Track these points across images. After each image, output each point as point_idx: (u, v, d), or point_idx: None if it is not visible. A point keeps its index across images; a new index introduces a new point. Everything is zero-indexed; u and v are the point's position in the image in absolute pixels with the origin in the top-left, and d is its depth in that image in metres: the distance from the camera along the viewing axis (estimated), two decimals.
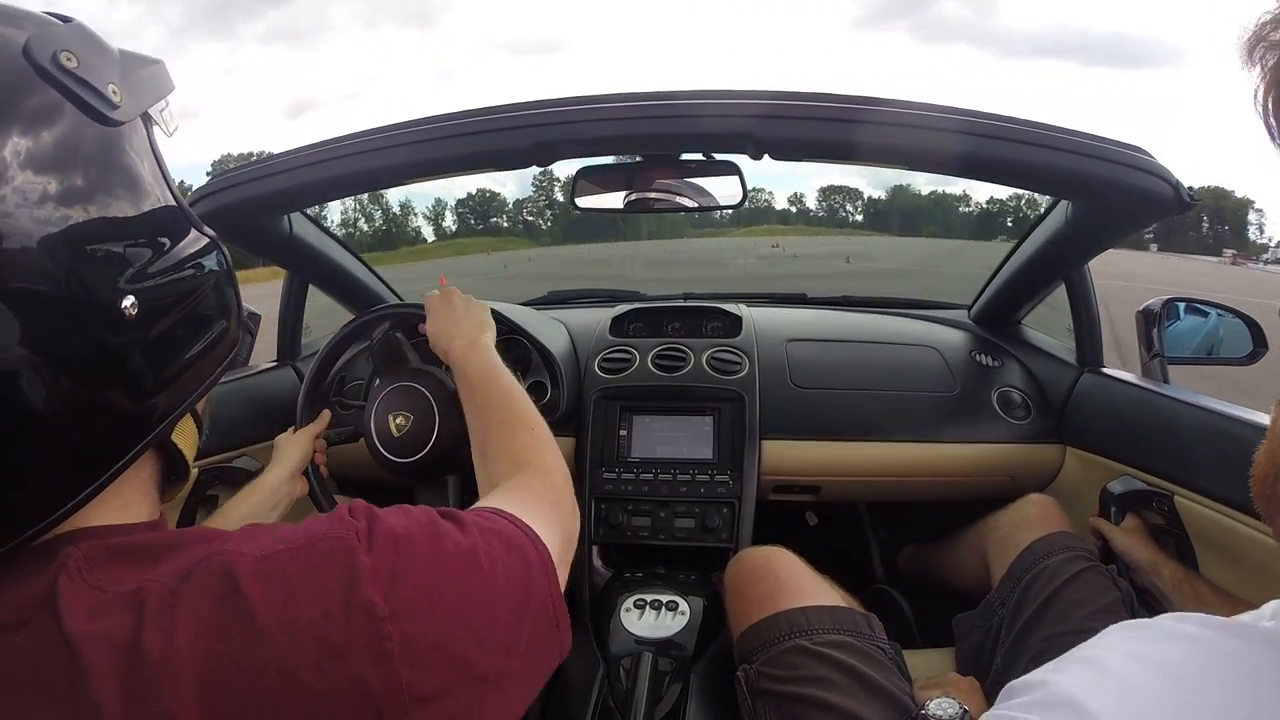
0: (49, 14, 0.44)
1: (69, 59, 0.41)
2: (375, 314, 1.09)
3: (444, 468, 0.97)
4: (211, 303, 0.49)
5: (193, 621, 0.36)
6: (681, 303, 1.55)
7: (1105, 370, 1.19)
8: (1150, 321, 1.16)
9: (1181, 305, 1.21)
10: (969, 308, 1.53)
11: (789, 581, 0.95)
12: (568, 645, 0.49)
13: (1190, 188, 0.85)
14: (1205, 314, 1.21)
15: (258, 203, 0.96)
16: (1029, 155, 0.83)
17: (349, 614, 0.38)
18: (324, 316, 1.45)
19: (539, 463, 0.65)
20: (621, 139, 0.90)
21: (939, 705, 0.77)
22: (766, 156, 0.89)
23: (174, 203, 0.47)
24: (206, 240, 0.49)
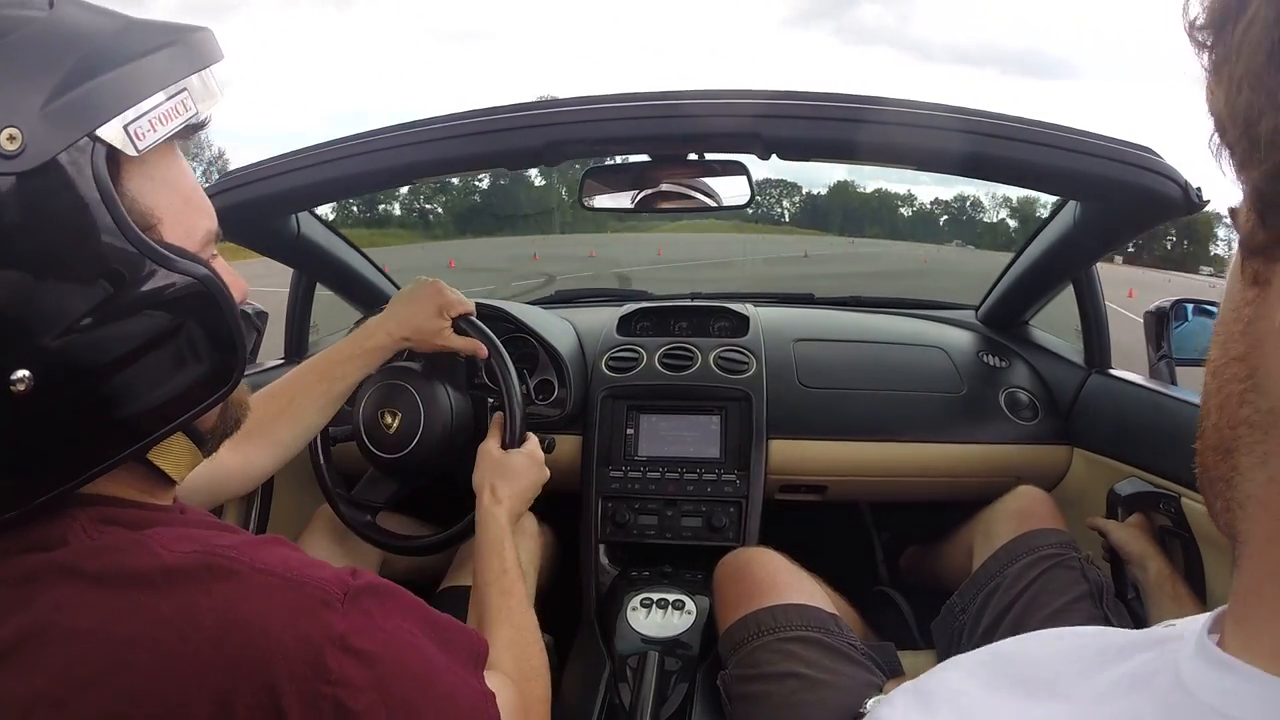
0: None
1: None
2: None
3: (425, 469, 0.97)
4: (173, 350, 0.43)
5: (183, 605, 0.41)
6: (689, 302, 1.56)
7: (1113, 372, 1.19)
8: (1159, 322, 1.16)
9: (1190, 306, 1.20)
10: (976, 308, 1.53)
11: (764, 580, 0.94)
12: None
13: (1199, 189, 0.84)
14: (1214, 315, 1.20)
15: (266, 202, 0.96)
16: (1037, 156, 0.83)
17: (303, 657, 0.42)
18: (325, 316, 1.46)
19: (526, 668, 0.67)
20: (631, 139, 0.91)
21: (877, 704, 0.78)
22: (774, 156, 0.89)
23: (124, 245, 0.40)
24: (176, 279, 0.42)
